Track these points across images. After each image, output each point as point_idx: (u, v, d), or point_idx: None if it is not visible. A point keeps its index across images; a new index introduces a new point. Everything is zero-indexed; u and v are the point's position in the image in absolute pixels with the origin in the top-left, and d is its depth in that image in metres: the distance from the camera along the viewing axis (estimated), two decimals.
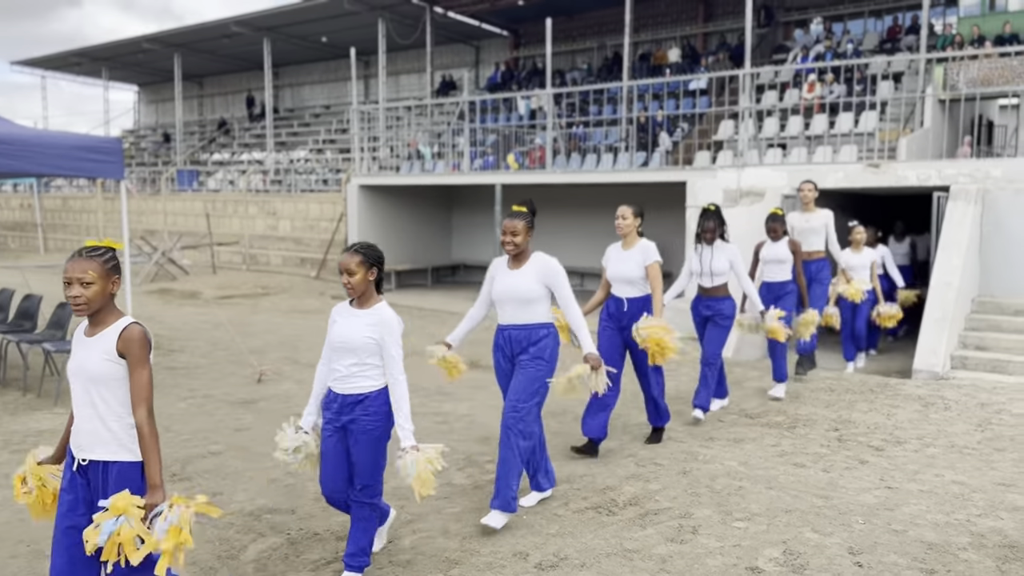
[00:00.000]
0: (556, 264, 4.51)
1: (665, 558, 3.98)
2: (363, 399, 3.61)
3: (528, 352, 4.45)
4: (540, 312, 4.49)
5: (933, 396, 7.38)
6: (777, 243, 7.31)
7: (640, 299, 5.57)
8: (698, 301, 6.55)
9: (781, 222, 7.29)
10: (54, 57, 29.38)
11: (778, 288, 7.32)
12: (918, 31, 14.97)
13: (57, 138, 7.20)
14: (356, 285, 3.66)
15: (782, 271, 7.29)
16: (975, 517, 4.51)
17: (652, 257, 5.50)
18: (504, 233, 4.48)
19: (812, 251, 7.98)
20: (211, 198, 22.11)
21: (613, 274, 5.62)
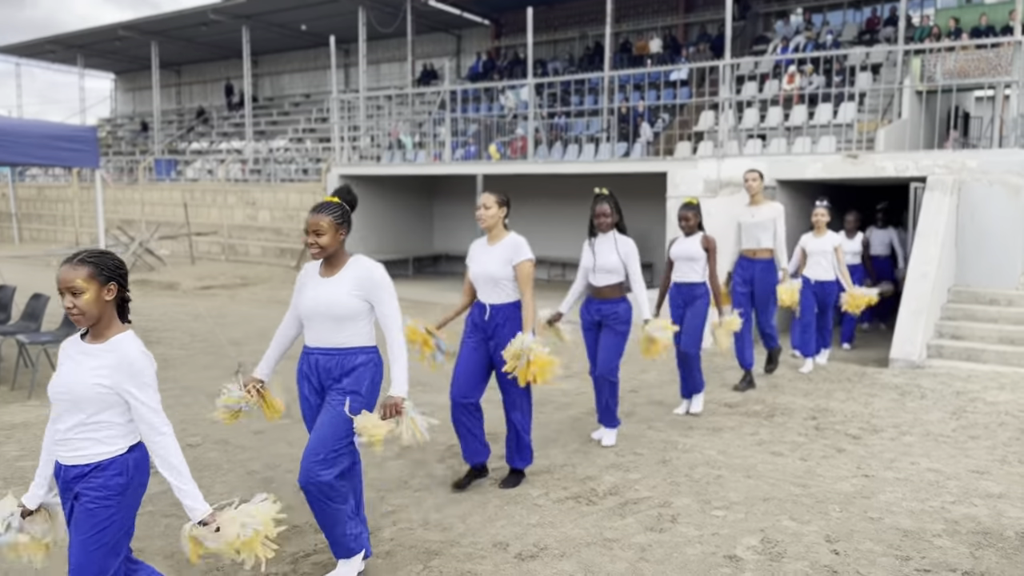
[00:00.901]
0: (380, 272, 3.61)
1: (644, 547, 4.00)
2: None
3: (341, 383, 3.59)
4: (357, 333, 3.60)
5: (909, 385, 7.46)
6: (689, 238, 6.34)
7: (508, 306, 4.66)
8: (588, 303, 5.64)
9: (695, 212, 6.32)
10: (28, 44, 28.93)
11: (687, 291, 6.33)
12: (896, 23, 15.06)
13: (31, 127, 7.09)
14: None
15: (693, 271, 6.30)
16: (949, 504, 4.57)
17: (523, 254, 4.62)
18: (307, 232, 3.56)
19: (759, 248, 7.27)
20: (189, 188, 21.90)
21: (476, 273, 4.71)
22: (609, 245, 5.45)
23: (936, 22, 15.43)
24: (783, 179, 10.48)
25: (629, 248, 5.44)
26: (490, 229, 4.70)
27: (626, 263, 5.44)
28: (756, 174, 7.26)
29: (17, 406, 6.65)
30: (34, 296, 8.14)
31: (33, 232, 25.25)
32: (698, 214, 6.31)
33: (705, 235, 6.26)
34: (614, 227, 5.51)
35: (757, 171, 7.30)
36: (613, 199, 5.49)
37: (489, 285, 4.67)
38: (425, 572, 3.73)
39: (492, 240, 4.72)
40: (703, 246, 6.23)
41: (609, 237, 5.48)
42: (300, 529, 4.21)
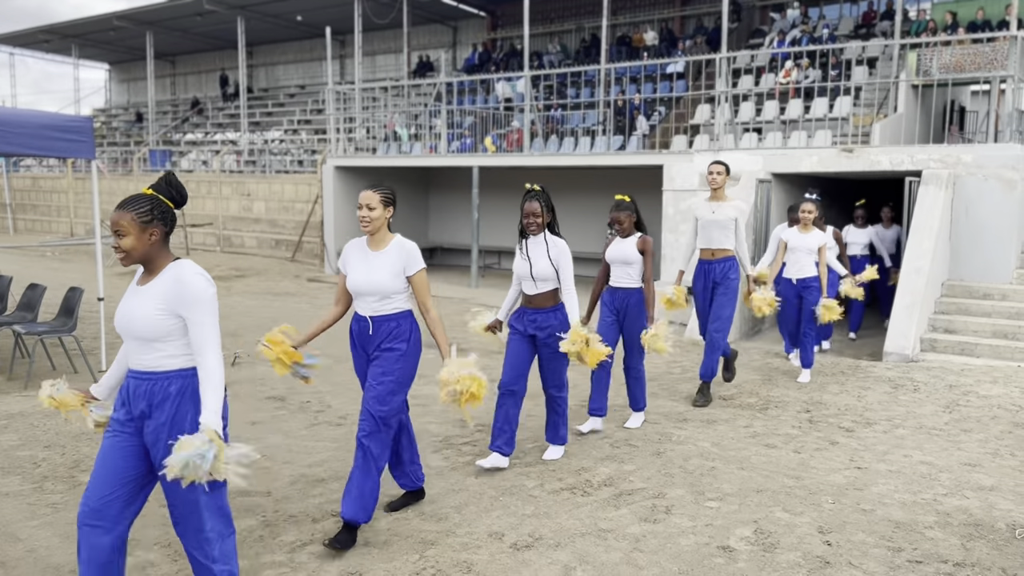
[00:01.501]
0: None
1: (638, 537, 4.03)
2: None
3: None
4: None
5: (903, 378, 7.51)
6: (625, 240, 5.68)
7: (395, 317, 4.01)
8: (520, 313, 5.00)
9: (628, 213, 5.66)
10: (22, 34, 28.79)
11: (622, 296, 5.68)
12: (893, 16, 15.07)
13: (25, 116, 7.07)
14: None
15: (628, 275, 5.66)
16: (941, 496, 4.61)
17: (417, 264, 4.00)
18: None
19: (717, 248, 6.50)
20: (184, 179, 21.83)
21: (358, 283, 3.98)
22: (541, 249, 4.86)
23: (932, 16, 15.45)
24: (778, 173, 10.50)
25: (560, 250, 4.85)
26: (373, 234, 4.01)
27: (557, 267, 4.83)
28: (721, 167, 6.47)
29: (13, 396, 6.65)
30: (30, 286, 8.14)
31: (28, 223, 25.17)
32: (633, 214, 5.68)
33: (643, 236, 5.65)
34: (545, 228, 4.90)
35: (723, 164, 6.50)
36: (545, 196, 4.91)
37: (373, 297, 3.98)
38: (421, 562, 3.75)
39: (375, 245, 4.01)
40: (639, 248, 5.61)
41: (540, 240, 4.87)
42: (296, 519, 4.23)
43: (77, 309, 7.37)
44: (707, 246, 6.54)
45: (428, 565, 3.72)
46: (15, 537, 3.99)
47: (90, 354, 7.83)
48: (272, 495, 4.56)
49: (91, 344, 8.28)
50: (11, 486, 4.69)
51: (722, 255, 6.51)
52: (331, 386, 7.01)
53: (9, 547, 3.88)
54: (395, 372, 3.96)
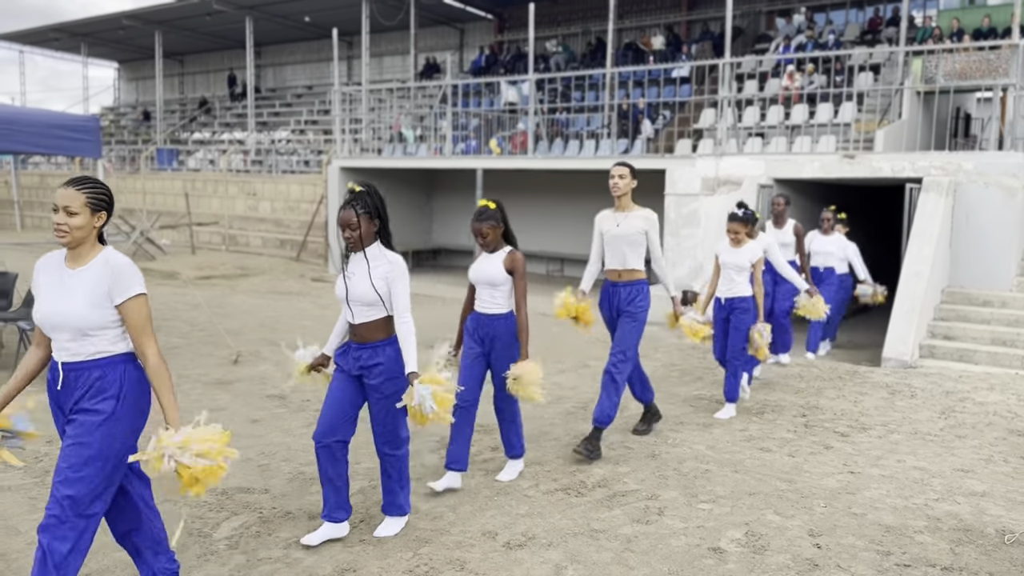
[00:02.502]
0: None
1: (630, 538, 4.08)
2: None
3: None
4: None
5: (900, 384, 7.54)
6: (491, 256, 4.60)
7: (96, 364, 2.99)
8: (346, 349, 4.02)
9: (493, 224, 4.51)
10: (32, 32, 28.95)
11: (488, 324, 4.61)
12: (899, 23, 15.10)
13: (34, 115, 7.16)
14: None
15: (493, 299, 4.59)
16: (933, 501, 4.65)
17: (127, 288, 2.95)
18: None
19: (624, 268, 5.45)
20: (191, 178, 21.97)
21: (42, 317, 3.00)
22: (363, 268, 3.85)
23: (938, 23, 15.49)
24: (780, 178, 10.53)
25: (391, 268, 3.84)
26: (74, 247, 2.99)
27: (385, 291, 3.84)
28: (624, 170, 5.37)
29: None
30: None
31: (35, 220, 25.31)
32: (499, 224, 4.53)
33: (512, 252, 4.55)
34: (378, 241, 3.93)
35: (626, 166, 5.39)
36: (370, 200, 3.86)
37: (65, 335, 2.99)
38: (415, 559, 3.81)
39: (74, 262, 3.00)
40: (507, 267, 4.52)
41: (364, 256, 3.87)
42: (293, 515, 4.29)
43: None
44: (612, 265, 5.49)
45: (421, 563, 3.78)
46: (16, 530, 4.06)
47: None
48: (270, 492, 4.62)
49: None
50: (13, 480, 4.76)
51: (629, 277, 5.42)
52: None
53: (10, 540, 3.95)
54: (92, 444, 2.90)
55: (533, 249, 15.72)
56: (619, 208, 5.46)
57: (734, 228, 6.38)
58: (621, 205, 5.45)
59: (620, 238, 5.41)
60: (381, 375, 3.88)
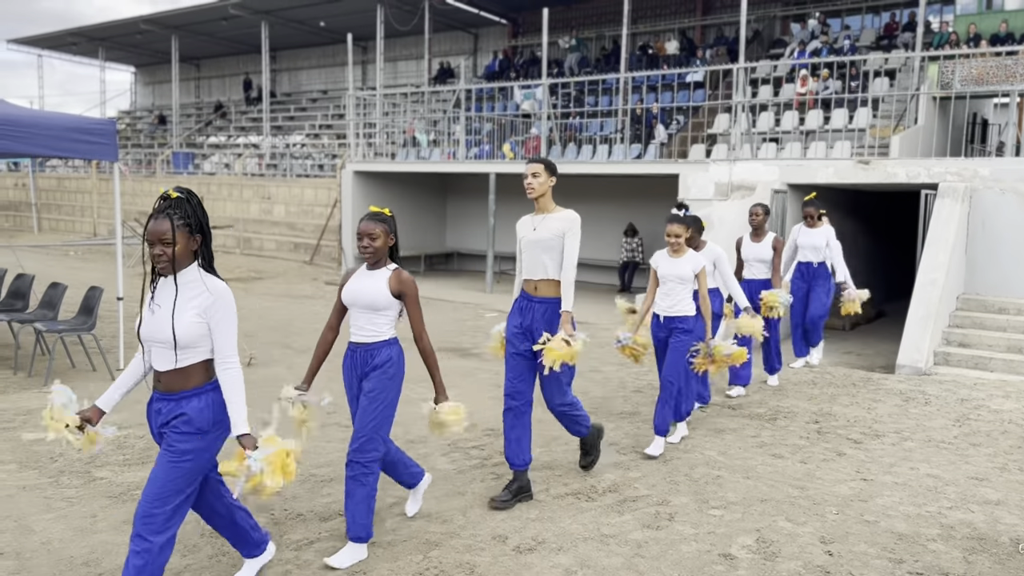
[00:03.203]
0: None
1: (640, 543, 4.07)
2: None
3: None
4: None
5: (914, 391, 7.49)
6: (374, 273, 3.90)
7: None
8: (151, 401, 3.22)
9: (384, 227, 3.86)
10: (50, 36, 29.27)
11: (365, 354, 3.89)
12: (915, 28, 15.02)
13: (51, 119, 7.22)
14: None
15: (373, 326, 3.88)
16: (946, 509, 4.61)
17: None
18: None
19: (541, 279, 4.61)
20: (206, 181, 22.11)
21: None
22: (169, 298, 3.08)
23: (955, 28, 15.38)
24: (794, 183, 10.49)
25: (215, 299, 3.10)
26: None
27: (204, 330, 3.10)
28: (538, 166, 4.65)
29: (32, 392, 6.79)
30: (52, 285, 8.30)
31: (52, 222, 25.55)
32: (388, 233, 3.88)
33: (398, 271, 3.85)
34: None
35: (541, 162, 4.67)
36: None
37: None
38: (425, 563, 3.81)
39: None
40: (394, 289, 3.81)
41: (172, 282, 3.09)
42: (304, 517, 4.31)
43: (97, 308, 7.51)
44: (528, 275, 4.67)
45: (431, 566, 3.78)
46: (30, 529, 4.09)
47: (108, 352, 7.97)
48: (281, 494, 4.62)
49: (110, 343, 8.42)
50: (28, 480, 4.80)
51: (548, 292, 4.60)
52: (342, 387, 7.10)
53: (25, 539, 3.99)
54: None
55: None
56: (538, 210, 4.73)
57: (674, 231, 5.50)
58: (539, 207, 4.71)
59: (536, 244, 4.62)
60: (179, 428, 3.04)
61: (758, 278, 7.38)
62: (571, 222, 4.59)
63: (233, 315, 3.12)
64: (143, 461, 5.11)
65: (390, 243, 3.88)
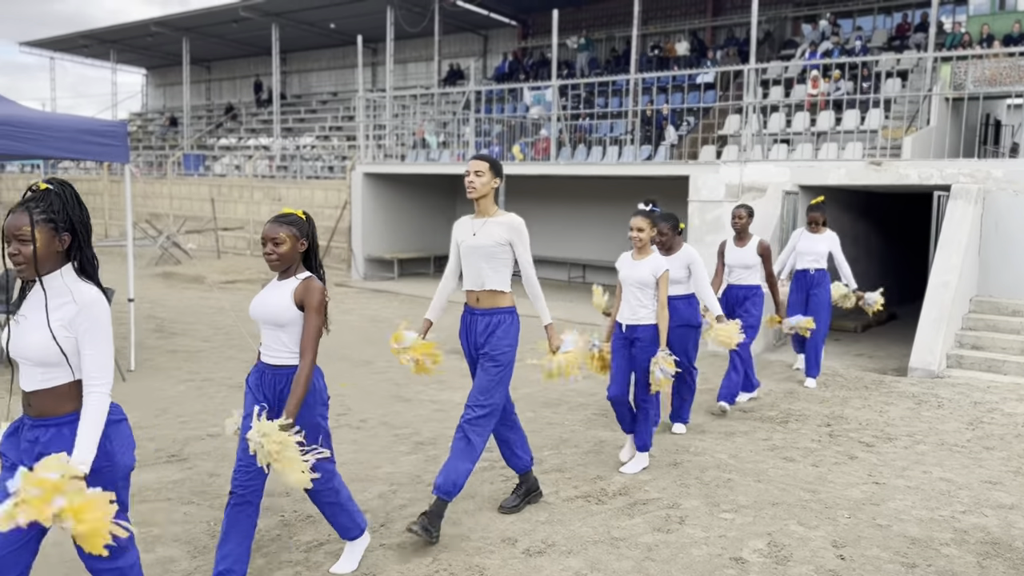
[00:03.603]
0: None
1: (651, 547, 4.05)
2: None
3: None
4: None
5: (927, 394, 7.44)
6: (281, 284, 3.43)
7: None
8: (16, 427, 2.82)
9: (292, 228, 3.39)
10: (63, 39, 29.43)
11: (271, 378, 3.43)
12: (927, 29, 14.94)
13: (63, 121, 7.26)
14: None
15: (281, 345, 3.40)
16: (959, 514, 4.57)
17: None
18: None
19: (483, 291, 4.28)
20: (217, 183, 22.19)
21: None
22: (40, 315, 2.63)
23: (968, 29, 15.29)
24: (805, 185, 10.45)
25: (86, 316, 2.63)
26: None
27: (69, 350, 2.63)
28: (483, 164, 4.23)
29: None
30: None
31: None
32: (302, 238, 3.42)
33: (308, 280, 3.37)
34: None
35: (485, 160, 4.26)
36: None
37: None
38: (434, 565, 3.80)
39: None
40: (297, 299, 3.33)
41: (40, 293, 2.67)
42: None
43: None
44: (471, 286, 4.33)
45: (441, 568, 3.77)
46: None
47: (119, 353, 7.99)
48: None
49: (120, 343, 8.44)
50: None
51: (490, 303, 4.25)
52: (353, 389, 7.10)
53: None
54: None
55: (555, 255, 15.70)
56: (478, 213, 4.32)
57: (636, 224, 5.01)
58: (480, 209, 4.30)
59: (476, 250, 4.24)
60: None
61: (742, 284, 6.78)
62: (516, 230, 4.22)
63: (103, 328, 2.60)
64: (154, 462, 5.12)
65: (301, 248, 3.40)
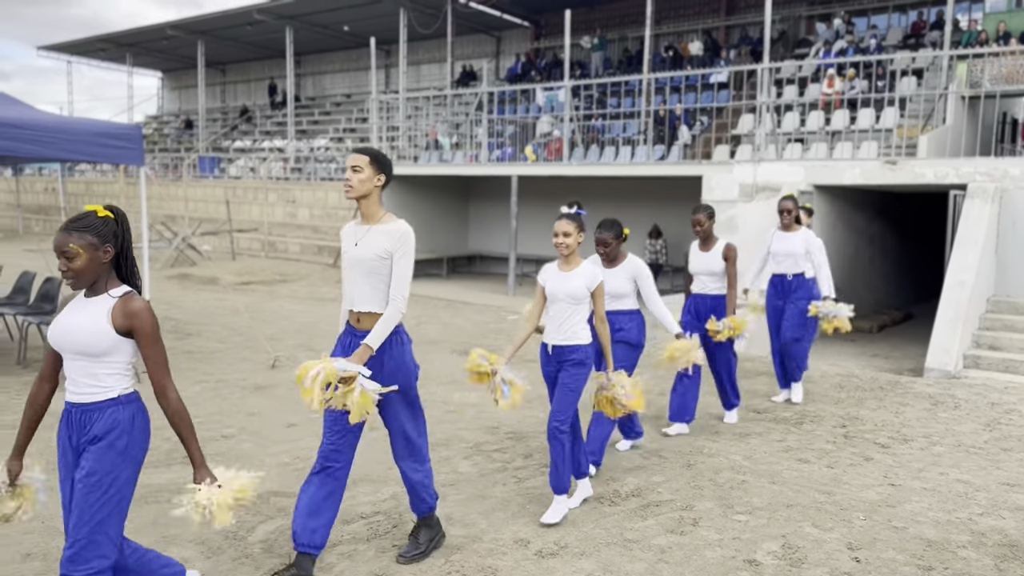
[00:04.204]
0: None
1: (664, 549, 4.03)
2: None
3: None
4: None
5: (943, 395, 7.37)
6: (89, 302, 2.88)
7: None
8: None
9: (89, 235, 2.78)
10: (79, 42, 29.67)
11: (87, 417, 2.94)
12: (943, 26, 14.81)
13: (79, 124, 7.32)
14: None
15: (95, 379, 2.92)
16: (977, 516, 4.53)
17: None
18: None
19: (364, 312, 3.68)
20: (232, 185, 22.31)
21: None
22: None
23: (984, 26, 15.16)
24: (820, 185, 10.38)
25: None
26: None
27: None
28: (363, 159, 3.63)
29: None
30: None
31: None
32: (102, 245, 2.81)
33: (124, 299, 2.84)
34: None
35: (366, 153, 3.65)
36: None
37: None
38: (447, 566, 3.80)
39: None
40: (121, 325, 2.82)
41: None
42: None
43: None
44: (350, 304, 3.73)
45: (453, 569, 3.77)
46: (57, 531, 4.13)
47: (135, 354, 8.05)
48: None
49: None
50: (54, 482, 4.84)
51: (370, 323, 3.62)
52: None
53: (52, 541, 4.02)
54: None
55: None
56: (362, 218, 3.72)
57: (560, 229, 4.33)
58: (363, 214, 3.69)
59: (357, 264, 3.64)
60: None
61: (707, 293, 6.09)
62: (400, 239, 3.58)
63: None
64: (169, 463, 5.15)
65: (105, 257, 2.79)
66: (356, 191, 3.63)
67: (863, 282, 12.25)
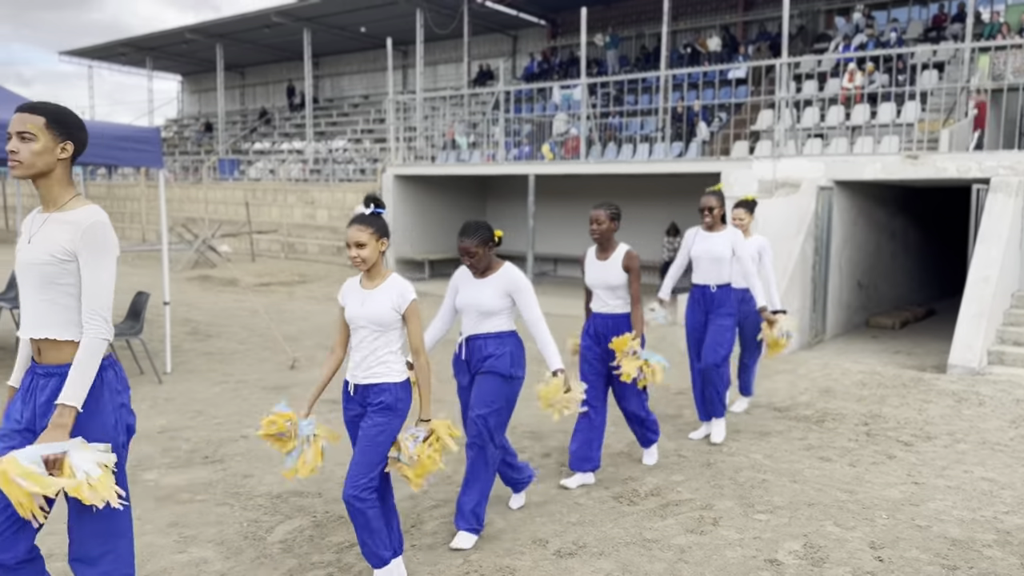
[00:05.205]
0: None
1: (684, 548, 4.00)
2: None
3: None
4: None
5: (967, 392, 7.27)
6: None
7: None
8: None
9: None
10: (101, 47, 29.97)
11: None
12: (964, 19, 14.63)
13: (99, 128, 7.38)
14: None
15: None
16: (1002, 514, 4.46)
17: None
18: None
19: (44, 338, 2.62)
20: (251, 187, 22.43)
21: None
22: None
23: (1006, 19, 14.97)
24: (841, 180, 10.28)
25: None
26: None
27: None
28: (36, 121, 2.56)
29: None
30: None
31: None
32: None
33: None
34: None
35: (37, 111, 2.58)
36: None
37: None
38: (465, 566, 3.80)
39: None
40: None
41: None
42: (345, 520, 4.32)
43: (143, 313, 7.64)
44: (24, 329, 2.70)
45: (472, 569, 3.76)
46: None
47: (155, 356, 8.11)
48: (323, 496, 4.67)
49: (157, 347, 8.57)
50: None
51: (55, 357, 2.62)
52: None
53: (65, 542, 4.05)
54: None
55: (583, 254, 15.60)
56: (43, 205, 2.70)
57: (352, 239, 3.38)
58: (44, 198, 2.68)
59: (25, 269, 2.62)
60: None
61: (604, 312, 4.89)
62: (87, 232, 2.57)
63: None
64: (189, 463, 5.18)
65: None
66: (27, 167, 2.54)
67: (885, 278, 12.12)
